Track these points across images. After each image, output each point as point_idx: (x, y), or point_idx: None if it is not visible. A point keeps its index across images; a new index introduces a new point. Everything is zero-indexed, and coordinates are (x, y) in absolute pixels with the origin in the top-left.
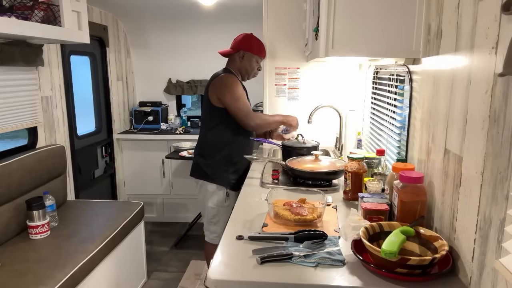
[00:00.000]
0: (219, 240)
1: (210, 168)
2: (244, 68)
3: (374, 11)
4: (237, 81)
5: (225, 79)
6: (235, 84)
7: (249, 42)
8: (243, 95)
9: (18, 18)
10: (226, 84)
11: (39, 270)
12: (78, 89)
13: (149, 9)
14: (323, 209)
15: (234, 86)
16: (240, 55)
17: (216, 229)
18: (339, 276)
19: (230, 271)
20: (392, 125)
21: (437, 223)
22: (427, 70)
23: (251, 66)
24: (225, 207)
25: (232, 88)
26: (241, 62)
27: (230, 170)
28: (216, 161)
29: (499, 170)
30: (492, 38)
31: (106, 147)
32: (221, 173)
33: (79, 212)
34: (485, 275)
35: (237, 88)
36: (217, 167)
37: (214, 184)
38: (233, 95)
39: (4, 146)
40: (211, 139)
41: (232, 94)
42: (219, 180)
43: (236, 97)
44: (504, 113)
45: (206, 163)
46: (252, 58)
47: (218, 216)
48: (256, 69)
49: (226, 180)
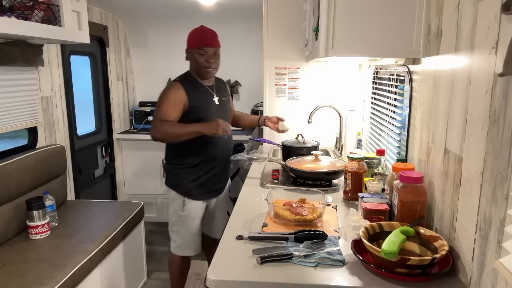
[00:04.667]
0: (181, 251)
1: (172, 175)
2: (193, 66)
3: (374, 11)
4: (173, 89)
5: (166, 87)
6: (168, 92)
7: (187, 37)
8: (167, 104)
9: (18, 18)
10: (162, 92)
11: (39, 270)
12: (78, 89)
13: (149, 9)
14: (323, 209)
15: (164, 94)
16: (187, 55)
17: (176, 238)
18: (339, 276)
19: (230, 271)
20: (392, 125)
21: (437, 223)
22: (427, 70)
23: (196, 61)
24: (183, 216)
25: (161, 96)
26: (190, 61)
27: (189, 178)
28: (176, 168)
29: (499, 170)
30: (492, 38)
31: (106, 147)
32: (179, 180)
33: (79, 212)
34: (485, 275)
35: (169, 95)
36: (177, 174)
37: (173, 191)
38: (158, 104)
39: (4, 146)
40: (172, 145)
41: (158, 103)
42: (178, 188)
43: (158, 106)
44: (504, 113)
45: (169, 169)
46: (193, 52)
47: (177, 225)
48: (204, 61)
49: (184, 189)
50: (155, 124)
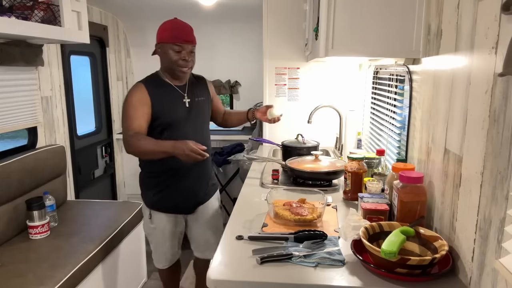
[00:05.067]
0: (155, 263)
1: (140, 183)
2: (164, 64)
3: (374, 11)
4: (134, 92)
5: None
6: (130, 95)
7: (159, 30)
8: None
9: (18, 18)
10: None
11: (39, 270)
12: (78, 89)
13: (149, 9)
14: (323, 209)
15: (128, 98)
16: (157, 50)
17: (152, 250)
18: (339, 276)
19: (230, 271)
20: (392, 125)
21: (437, 223)
22: (427, 70)
23: (169, 58)
24: (152, 229)
25: (125, 102)
26: (160, 57)
27: (152, 189)
28: (143, 175)
29: (499, 170)
30: (492, 38)
31: (106, 147)
32: (144, 191)
33: (79, 212)
34: (485, 275)
35: (130, 100)
36: (143, 183)
37: (142, 203)
38: (122, 111)
39: (4, 146)
40: None
41: (122, 110)
42: (144, 199)
43: (124, 114)
44: (504, 113)
45: (139, 179)
46: (165, 47)
47: (149, 236)
48: (179, 59)
49: (149, 200)
50: (124, 137)
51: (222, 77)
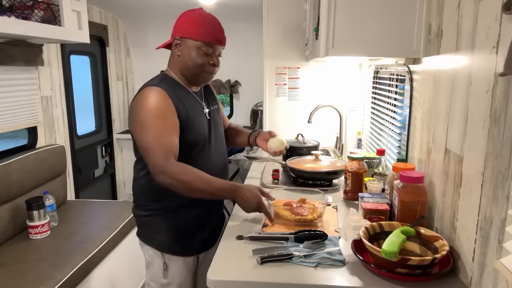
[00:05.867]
0: None
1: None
2: (184, 65)
3: (375, 10)
4: (157, 97)
5: (141, 96)
6: (152, 103)
7: (184, 21)
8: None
9: (18, 18)
10: (138, 104)
11: (38, 270)
12: (78, 89)
13: (149, 9)
14: (323, 209)
15: (149, 107)
16: (176, 45)
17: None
18: (339, 276)
19: (230, 271)
20: (392, 124)
21: (438, 223)
22: (427, 70)
23: (192, 59)
24: (164, 285)
25: (145, 113)
26: (179, 55)
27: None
28: (151, 213)
29: (500, 170)
30: (493, 37)
31: (106, 147)
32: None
33: (79, 212)
34: (486, 275)
35: (154, 110)
36: (152, 223)
37: (149, 247)
38: (141, 126)
39: (4, 146)
40: (143, 184)
41: (142, 124)
42: (155, 242)
43: (146, 130)
44: (504, 113)
45: (140, 216)
46: (191, 46)
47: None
48: (208, 63)
49: (163, 242)
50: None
51: (222, 77)
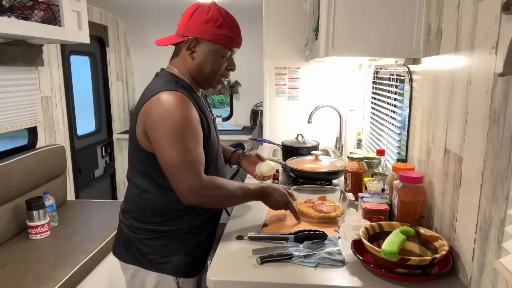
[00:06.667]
0: None
1: (153, 247)
2: (198, 68)
3: (374, 11)
4: (185, 105)
5: (164, 104)
6: (181, 111)
7: (201, 20)
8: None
9: (18, 18)
10: (164, 114)
11: (39, 270)
12: (78, 89)
13: (149, 9)
14: (345, 206)
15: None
16: (189, 46)
17: None
18: (339, 276)
19: (230, 271)
20: (392, 125)
21: (437, 223)
22: (427, 70)
23: (210, 63)
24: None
25: (173, 120)
26: (192, 58)
27: (186, 246)
28: (161, 235)
29: (499, 170)
30: (492, 38)
31: (106, 147)
32: (168, 254)
33: (79, 212)
34: (485, 275)
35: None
36: (166, 244)
37: (156, 273)
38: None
39: (4, 146)
40: (152, 203)
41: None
42: (166, 266)
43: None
44: (504, 113)
45: (145, 238)
46: (210, 49)
47: None
48: (225, 69)
49: (179, 264)
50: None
51: None
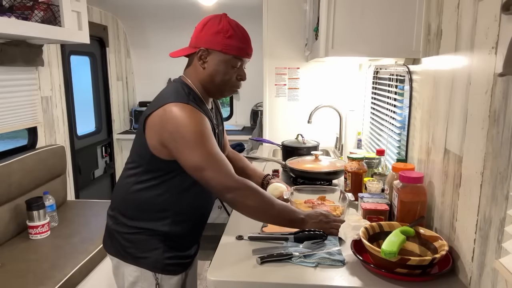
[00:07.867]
0: None
1: (132, 242)
2: (209, 79)
3: (374, 11)
4: (197, 117)
5: (177, 115)
6: (196, 123)
7: (212, 31)
8: (212, 144)
9: (18, 18)
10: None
11: (39, 270)
12: (78, 89)
13: (149, 9)
14: (345, 206)
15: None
16: (200, 57)
17: None
18: (339, 276)
19: (230, 271)
20: (392, 125)
21: (437, 223)
22: (427, 70)
23: (220, 74)
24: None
25: (190, 133)
26: (203, 68)
27: (165, 244)
28: (142, 231)
29: (499, 170)
30: (492, 38)
31: (106, 147)
32: (147, 249)
33: (79, 212)
34: (485, 275)
35: (203, 130)
36: (143, 240)
37: (135, 267)
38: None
39: (4, 146)
40: (140, 199)
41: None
42: (145, 261)
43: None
44: (504, 113)
45: (125, 232)
46: (221, 59)
47: None
48: (236, 79)
49: (158, 260)
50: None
51: None
